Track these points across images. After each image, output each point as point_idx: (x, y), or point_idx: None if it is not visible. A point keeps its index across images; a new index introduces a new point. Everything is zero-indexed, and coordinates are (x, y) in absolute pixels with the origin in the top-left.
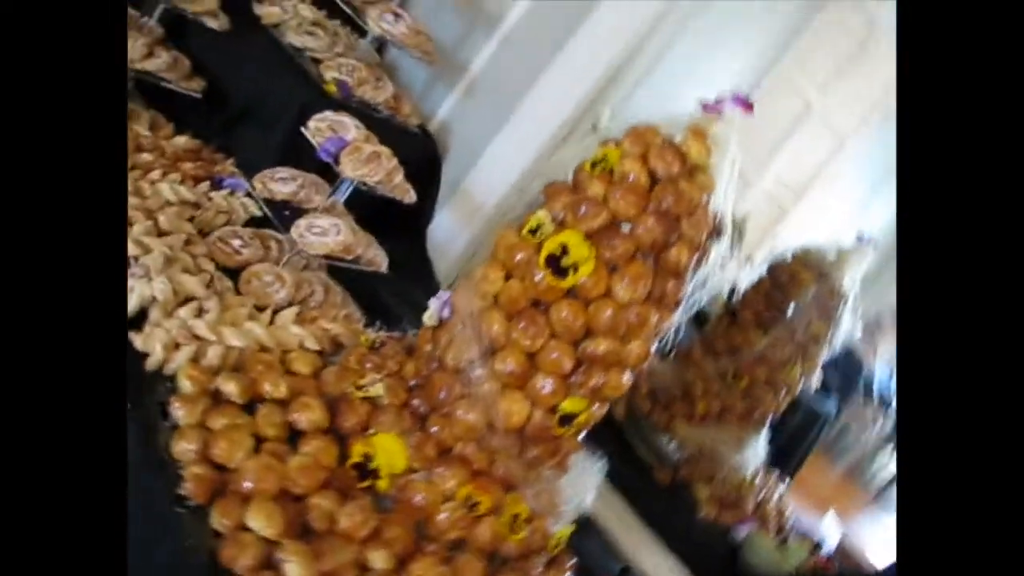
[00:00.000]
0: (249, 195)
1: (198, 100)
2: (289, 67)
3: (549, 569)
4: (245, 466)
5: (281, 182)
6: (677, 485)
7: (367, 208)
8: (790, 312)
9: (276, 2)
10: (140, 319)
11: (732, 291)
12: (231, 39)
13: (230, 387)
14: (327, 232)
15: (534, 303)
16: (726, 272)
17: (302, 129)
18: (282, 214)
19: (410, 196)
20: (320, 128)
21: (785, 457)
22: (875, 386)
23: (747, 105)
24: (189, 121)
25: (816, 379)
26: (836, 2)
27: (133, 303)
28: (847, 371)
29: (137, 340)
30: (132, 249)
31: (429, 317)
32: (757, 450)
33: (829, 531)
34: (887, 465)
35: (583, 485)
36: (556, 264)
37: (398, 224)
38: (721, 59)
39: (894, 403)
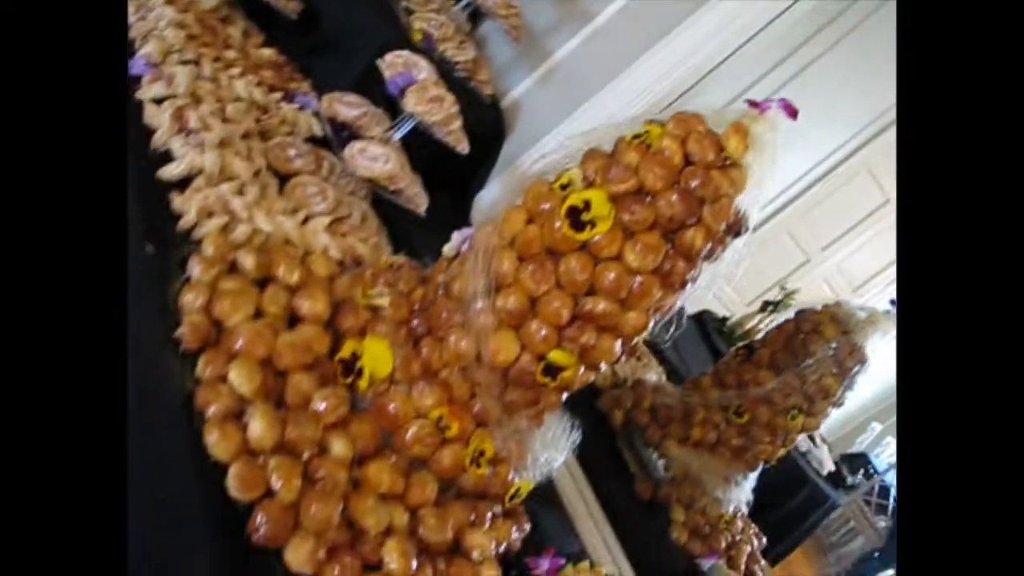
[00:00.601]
0: (316, 115)
1: (291, 21)
2: (383, 11)
3: (503, 519)
4: (240, 327)
5: (347, 106)
6: (655, 502)
7: (423, 155)
8: (807, 361)
9: None
10: (185, 184)
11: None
12: None
13: (248, 260)
14: (377, 159)
15: (548, 251)
16: (738, 271)
17: (377, 62)
18: (340, 135)
19: (464, 146)
20: (394, 63)
21: (781, 531)
22: None
23: (792, 112)
24: (278, 38)
25: (829, 463)
26: None
27: (182, 168)
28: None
29: (176, 200)
30: (194, 123)
31: (450, 248)
32: (742, 491)
33: None
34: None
35: (554, 446)
36: (576, 217)
37: (448, 180)
38: (827, 115)
39: None
